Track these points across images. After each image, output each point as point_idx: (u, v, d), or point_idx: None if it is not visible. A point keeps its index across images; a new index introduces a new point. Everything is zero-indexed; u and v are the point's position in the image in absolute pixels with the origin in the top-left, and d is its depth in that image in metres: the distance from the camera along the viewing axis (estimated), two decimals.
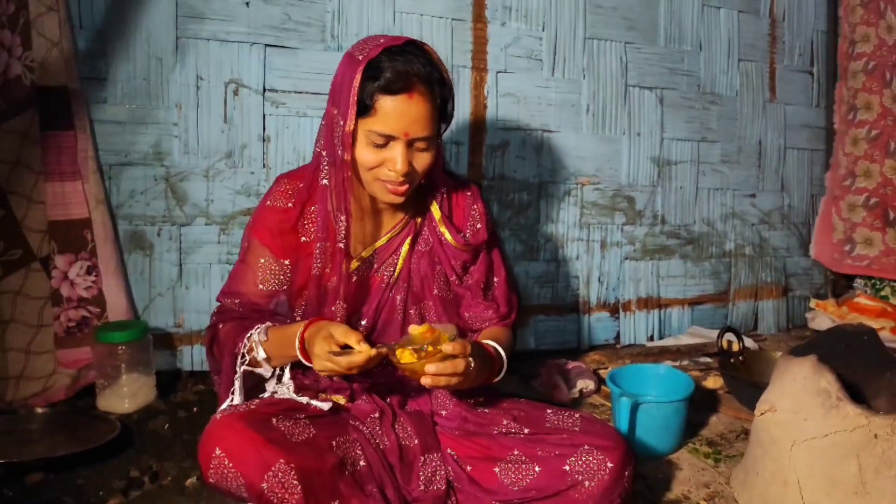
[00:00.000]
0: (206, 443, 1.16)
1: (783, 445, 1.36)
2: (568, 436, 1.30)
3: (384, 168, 1.27)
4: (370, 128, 1.25)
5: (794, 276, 2.82)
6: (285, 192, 1.37)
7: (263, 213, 1.38)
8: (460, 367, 1.19)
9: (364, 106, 1.24)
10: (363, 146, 1.27)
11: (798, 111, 2.76)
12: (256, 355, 1.28)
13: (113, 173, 1.93)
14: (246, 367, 1.29)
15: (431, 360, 1.17)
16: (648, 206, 2.51)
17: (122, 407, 1.80)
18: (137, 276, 1.97)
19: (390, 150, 1.26)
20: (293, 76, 2.04)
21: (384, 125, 1.24)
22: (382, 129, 1.24)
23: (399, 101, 1.23)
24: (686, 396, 1.66)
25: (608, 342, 2.48)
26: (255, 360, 1.30)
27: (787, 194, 2.77)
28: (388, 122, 1.24)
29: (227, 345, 1.33)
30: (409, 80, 1.23)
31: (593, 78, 2.38)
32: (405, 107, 1.23)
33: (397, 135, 1.25)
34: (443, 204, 1.43)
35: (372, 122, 1.24)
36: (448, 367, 1.18)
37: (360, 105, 1.24)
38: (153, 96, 1.93)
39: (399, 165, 1.26)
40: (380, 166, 1.27)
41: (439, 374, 1.18)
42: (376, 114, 1.24)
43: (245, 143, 2.02)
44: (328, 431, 1.25)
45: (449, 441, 1.36)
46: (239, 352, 1.30)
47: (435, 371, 1.18)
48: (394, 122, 1.24)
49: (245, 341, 1.29)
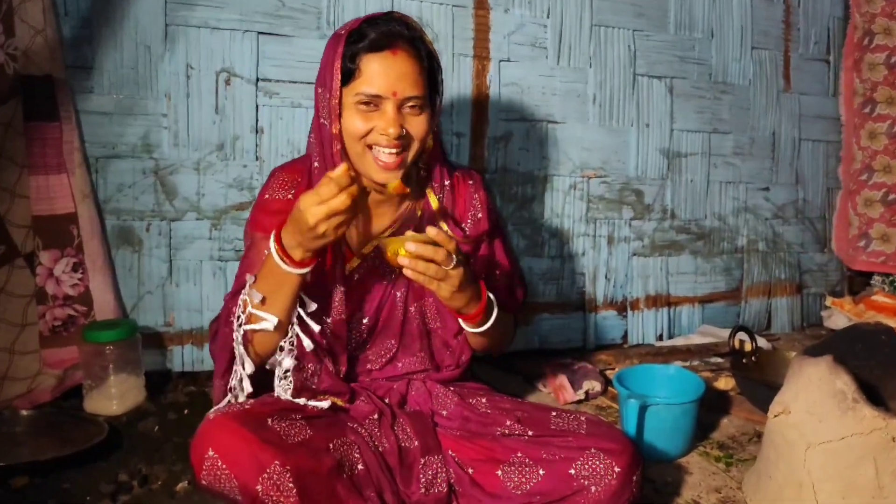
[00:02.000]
0: (198, 443, 1.17)
1: (797, 448, 1.37)
2: (574, 438, 1.31)
3: (375, 133, 1.27)
4: (357, 90, 1.26)
5: (808, 272, 2.82)
6: (284, 183, 1.38)
7: (263, 206, 1.38)
8: (440, 253, 1.19)
9: (349, 71, 1.26)
10: (352, 114, 1.27)
11: (813, 101, 2.76)
12: (251, 301, 1.24)
13: (100, 166, 1.93)
14: (247, 327, 1.25)
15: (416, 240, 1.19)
16: (657, 200, 2.51)
17: (110, 409, 1.80)
18: (126, 272, 1.97)
19: (380, 115, 1.27)
20: (287, 65, 2.04)
21: (370, 84, 1.25)
22: (368, 88, 1.25)
23: (383, 58, 1.25)
24: (696, 398, 1.66)
25: (615, 341, 2.49)
26: (253, 317, 1.25)
27: (802, 188, 2.77)
28: (373, 80, 1.25)
29: (223, 317, 1.30)
30: (393, 38, 1.26)
31: (600, 66, 2.38)
32: (389, 62, 1.25)
33: (384, 93, 1.26)
34: (441, 194, 1.43)
35: (358, 84, 1.26)
36: (429, 249, 1.19)
37: (344, 73, 1.25)
38: (141, 86, 1.94)
39: (391, 128, 1.25)
40: (370, 133, 1.27)
41: (419, 255, 1.18)
42: (362, 75, 1.26)
43: (237, 134, 2.02)
44: (325, 433, 1.26)
45: (450, 442, 1.37)
46: (235, 315, 1.27)
47: (415, 250, 1.18)
48: (380, 80, 1.25)
49: (239, 302, 1.26)
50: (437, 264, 1.21)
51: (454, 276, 1.23)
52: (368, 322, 1.42)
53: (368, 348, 1.47)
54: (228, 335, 1.28)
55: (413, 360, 1.49)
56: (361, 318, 1.42)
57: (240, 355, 1.27)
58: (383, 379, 1.47)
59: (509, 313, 1.54)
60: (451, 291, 1.25)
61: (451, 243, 1.22)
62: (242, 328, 1.26)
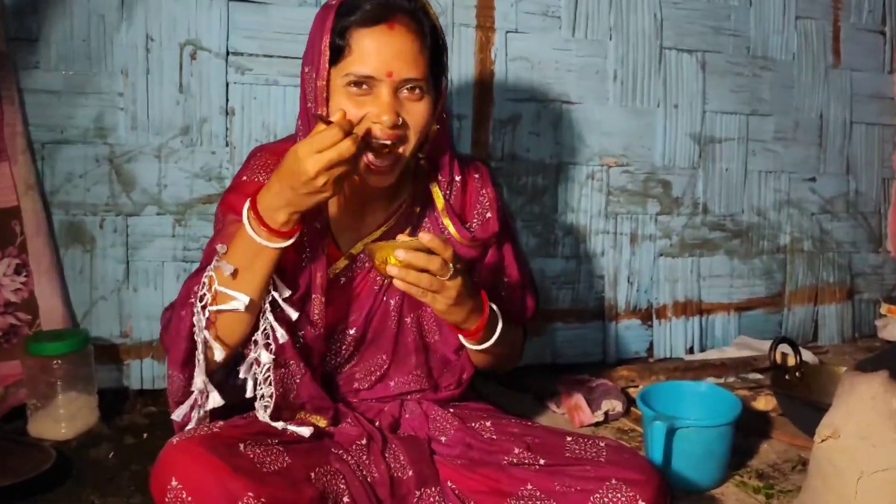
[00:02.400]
0: (160, 471, 1.17)
1: (848, 477, 1.37)
2: (592, 467, 1.31)
3: (367, 123, 1.25)
4: (348, 70, 1.24)
5: (861, 275, 2.83)
6: (265, 165, 1.38)
7: (239, 188, 1.37)
8: (435, 262, 1.20)
9: (338, 49, 1.24)
10: (341, 98, 1.26)
11: (867, 78, 2.75)
12: (220, 275, 1.21)
13: (46, 153, 1.93)
14: (213, 308, 1.22)
15: (407, 246, 1.19)
16: (687, 193, 2.52)
17: (59, 432, 1.80)
18: (76, 275, 1.97)
19: (374, 99, 1.25)
20: (262, 37, 2.04)
21: (363, 64, 1.24)
22: (360, 68, 1.24)
23: (377, 32, 1.23)
24: (732, 420, 1.66)
25: (639, 355, 2.49)
26: (221, 296, 1.22)
27: (854, 178, 2.77)
28: (365, 59, 1.23)
29: (181, 299, 1.26)
30: (390, 9, 1.24)
31: (622, 39, 2.38)
32: (385, 38, 1.23)
33: (378, 75, 1.24)
34: (448, 190, 1.43)
35: (348, 63, 1.24)
36: (422, 258, 1.19)
37: (333, 49, 1.25)
38: (94, 61, 1.93)
39: (385, 116, 1.24)
40: (361, 121, 1.25)
41: (411, 264, 1.18)
42: (352, 53, 1.24)
43: (205, 116, 2.02)
44: (306, 460, 1.26)
45: (449, 472, 1.36)
46: (197, 294, 1.23)
47: (405, 258, 1.18)
48: (373, 59, 1.23)
49: (203, 280, 1.23)
50: (432, 274, 1.21)
51: (451, 287, 1.23)
52: (355, 333, 1.42)
53: (355, 364, 1.47)
54: (187, 318, 1.24)
55: (408, 379, 1.49)
56: (347, 329, 1.42)
57: (202, 341, 1.24)
58: (373, 400, 1.47)
59: (518, 325, 1.54)
60: (448, 304, 1.26)
61: (448, 250, 1.22)
62: (207, 310, 1.23)
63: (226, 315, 1.25)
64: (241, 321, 1.26)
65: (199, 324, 1.24)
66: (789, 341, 2.13)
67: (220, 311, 1.24)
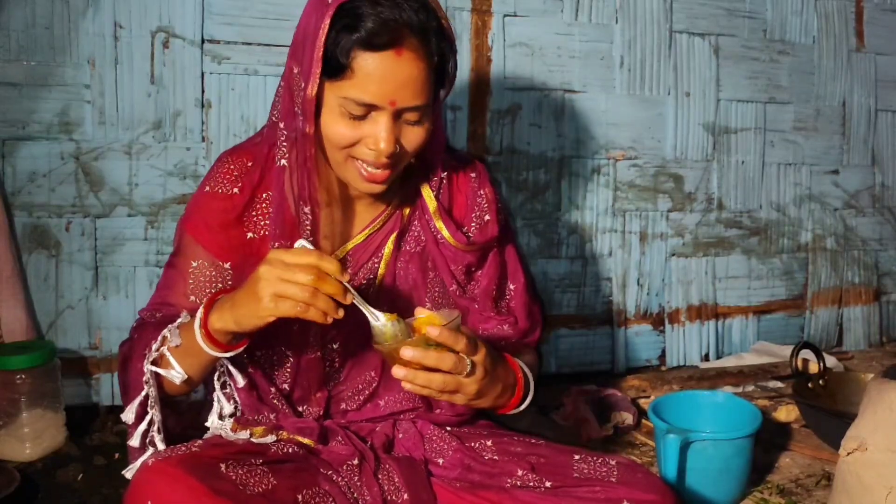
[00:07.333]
0: (133, 495, 1.17)
1: (877, 493, 1.37)
2: (602, 488, 1.31)
3: (362, 146, 1.24)
4: (346, 94, 1.21)
5: (889, 275, 2.84)
6: (229, 173, 1.35)
7: (200, 202, 1.37)
8: (447, 360, 1.16)
9: (337, 65, 1.21)
10: (335, 117, 1.24)
11: (892, 62, 2.77)
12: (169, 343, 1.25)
13: (7, 150, 1.93)
14: (154, 368, 1.26)
15: (413, 344, 1.14)
16: (701, 188, 2.52)
17: (23, 453, 1.80)
18: (40, 283, 1.97)
19: (371, 124, 1.23)
20: (240, 23, 2.04)
21: (364, 91, 1.20)
22: (362, 96, 1.21)
23: (384, 60, 1.19)
24: (751, 432, 1.67)
25: (651, 363, 2.50)
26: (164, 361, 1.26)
27: (880, 170, 2.79)
28: (369, 87, 1.20)
29: (138, 347, 1.30)
30: (398, 31, 1.19)
31: (629, 22, 2.39)
32: (392, 66, 1.20)
33: (381, 104, 1.21)
34: (440, 190, 1.43)
35: (348, 86, 1.21)
36: (431, 356, 1.15)
37: (330, 63, 1.22)
38: (58, 50, 1.93)
39: (383, 144, 1.22)
40: (356, 144, 1.25)
41: (419, 363, 1.15)
42: (354, 76, 1.20)
43: (179, 109, 2.02)
44: (293, 481, 1.26)
45: (448, 495, 1.37)
46: (150, 350, 1.27)
47: (412, 357, 1.15)
48: (377, 88, 1.20)
49: (159, 338, 1.27)
50: (446, 373, 1.18)
51: (469, 384, 1.21)
52: (339, 347, 1.41)
53: (342, 382, 1.46)
54: (140, 370, 1.28)
55: (399, 398, 1.47)
56: (329, 343, 1.41)
57: (153, 398, 1.28)
58: (363, 421, 1.47)
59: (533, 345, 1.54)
60: (469, 399, 1.23)
61: (461, 342, 1.17)
62: (151, 368, 1.27)
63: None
64: (182, 387, 1.30)
65: (147, 379, 1.27)
66: (812, 347, 2.14)
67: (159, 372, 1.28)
